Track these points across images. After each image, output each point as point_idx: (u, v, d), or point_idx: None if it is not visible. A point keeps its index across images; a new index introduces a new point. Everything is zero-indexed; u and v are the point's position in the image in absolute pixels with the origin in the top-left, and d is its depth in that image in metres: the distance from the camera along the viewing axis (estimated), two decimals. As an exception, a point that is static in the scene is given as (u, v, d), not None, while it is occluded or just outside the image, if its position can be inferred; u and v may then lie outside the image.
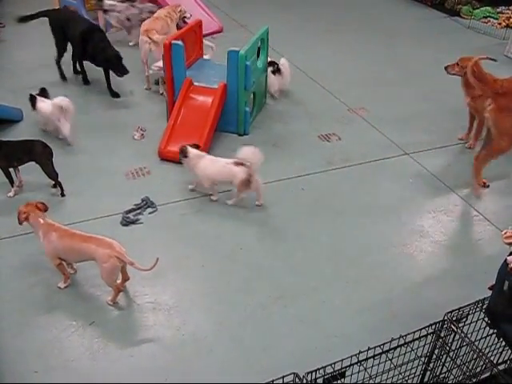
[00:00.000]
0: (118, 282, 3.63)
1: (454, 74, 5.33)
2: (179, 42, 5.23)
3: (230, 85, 5.26)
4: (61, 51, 6.41)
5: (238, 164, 4.37)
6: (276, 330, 3.48)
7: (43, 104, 5.28)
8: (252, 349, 3.35)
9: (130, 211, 4.41)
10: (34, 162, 4.58)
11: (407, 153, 5.39)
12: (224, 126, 5.41)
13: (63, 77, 6.53)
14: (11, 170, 4.64)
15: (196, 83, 5.38)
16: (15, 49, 7.59)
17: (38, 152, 4.55)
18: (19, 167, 4.68)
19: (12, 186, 4.65)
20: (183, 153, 4.51)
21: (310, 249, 4.14)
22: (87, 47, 6.06)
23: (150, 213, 4.44)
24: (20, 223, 3.68)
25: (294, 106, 6.21)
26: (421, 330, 2.58)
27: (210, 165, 4.48)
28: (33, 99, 5.28)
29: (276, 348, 3.35)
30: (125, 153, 5.25)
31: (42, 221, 3.65)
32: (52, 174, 4.59)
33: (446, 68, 5.41)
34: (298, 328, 3.49)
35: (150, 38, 6.27)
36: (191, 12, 8.30)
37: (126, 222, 4.30)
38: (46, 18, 6.42)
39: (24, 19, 6.54)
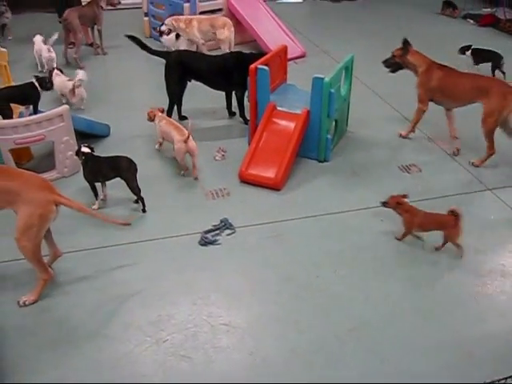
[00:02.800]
0: None
1: None
2: (265, 67, 5.29)
3: (313, 111, 5.27)
4: (175, 97, 6.20)
5: (70, 80, 6.49)
6: (348, 362, 3.41)
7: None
8: (323, 379, 3.30)
9: (208, 231, 4.46)
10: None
11: (489, 188, 5.24)
12: (305, 151, 5.42)
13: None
14: (98, 183, 4.82)
15: (279, 108, 5.42)
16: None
17: (124, 168, 4.69)
18: (106, 182, 4.86)
19: (96, 199, 4.80)
20: (49, 76, 6.35)
21: (387, 281, 4.05)
22: (236, 74, 5.94)
23: (228, 234, 4.47)
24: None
25: (374, 135, 6.15)
26: (506, 379, 2.48)
27: (59, 81, 6.50)
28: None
29: (347, 381, 3.29)
30: (205, 172, 5.34)
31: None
32: (135, 189, 4.72)
33: None
34: (370, 362, 3.41)
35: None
36: (275, 36, 8.50)
37: (205, 242, 4.35)
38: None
39: (135, 40, 6.30)
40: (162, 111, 5.64)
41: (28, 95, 5.34)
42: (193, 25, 8.17)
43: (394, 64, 6.00)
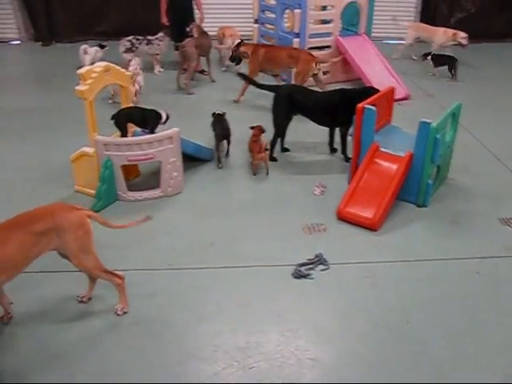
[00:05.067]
0: None
1: None
2: (372, 107, 5.33)
3: (416, 155, 5.24)
4: (281, 130, 6.36)
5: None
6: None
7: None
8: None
9: (303, 265, 4.50)
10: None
11: None
12: (404, 194, 5.38)
13: (273, 158, 6.35)
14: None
15: (382, 149, 5.44)
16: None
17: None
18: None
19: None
20: None
21: (480, 336, 3.91)
22: (342, 112, 6.04)
23: (321, 270, 4.49)
24: None
25: (476, 185, 6.00)
26: None
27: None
28: None
29: None
30: (303, 206, 5.42)
31: None
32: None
33: None
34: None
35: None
36: (381, 76, 8.54)
37: (298, 275, 4.39)
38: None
39: (244, 77, 6.98)
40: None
41: (149, 119, 5.64)
42: None
43: (235, 57, 8.35)
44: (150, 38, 9.47)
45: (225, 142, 6.38)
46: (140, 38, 9.40)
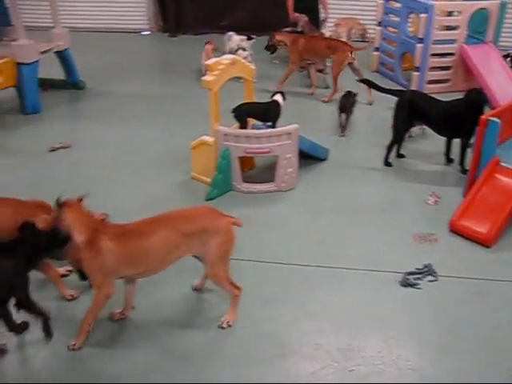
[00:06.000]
0: None
1: None
2: (497, 120, 5.16)
3: (539, 174, 5.04)
4: (399, 135, 6.27)
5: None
6: None
7: None
8: None
9: (411, 273, 4.45)
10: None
11: None
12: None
13: (388, 163, 6.29)
14: None
15: (503, 164, 5.26)
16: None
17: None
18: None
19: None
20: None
21: None
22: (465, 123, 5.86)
23: (429, 281, 4.42)
24: None
25: None
26: None
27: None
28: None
29: None
30: (415, 214, 5.35)
31: None
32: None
33: None
34: None
35: None
36: (504, 88, 8.21)
37: (406, 284, 4.35)
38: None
39: (367, 82, 6.94)
40: None
41: (269, 114, 5.77)
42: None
43: (270, 47, 8.85)
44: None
45: (343, 115, 7.01)
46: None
